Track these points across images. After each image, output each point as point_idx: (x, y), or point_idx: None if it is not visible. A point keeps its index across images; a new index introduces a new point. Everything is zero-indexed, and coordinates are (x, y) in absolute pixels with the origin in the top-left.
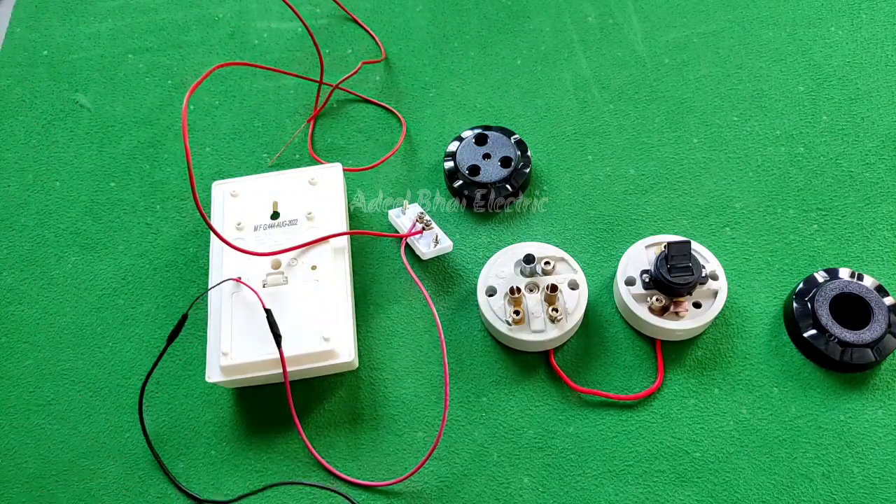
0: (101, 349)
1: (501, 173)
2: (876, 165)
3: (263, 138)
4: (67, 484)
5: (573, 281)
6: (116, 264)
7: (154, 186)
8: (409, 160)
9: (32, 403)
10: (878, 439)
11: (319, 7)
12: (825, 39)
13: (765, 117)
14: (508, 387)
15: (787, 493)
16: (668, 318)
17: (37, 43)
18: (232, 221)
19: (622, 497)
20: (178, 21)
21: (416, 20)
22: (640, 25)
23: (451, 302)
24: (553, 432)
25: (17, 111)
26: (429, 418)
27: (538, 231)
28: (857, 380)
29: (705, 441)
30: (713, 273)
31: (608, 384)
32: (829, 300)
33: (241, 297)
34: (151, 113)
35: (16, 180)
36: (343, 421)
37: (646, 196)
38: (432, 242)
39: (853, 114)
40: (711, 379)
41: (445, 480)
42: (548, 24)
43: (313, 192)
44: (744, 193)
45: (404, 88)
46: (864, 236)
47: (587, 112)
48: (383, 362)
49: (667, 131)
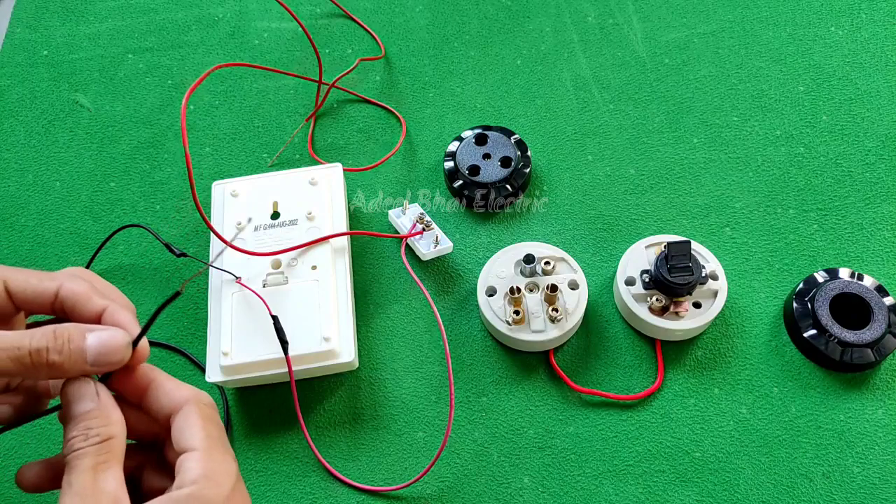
0: None
1: (501, 173)
2: (876, 165)
3: (263, 138)
4: None
5: (573, 281)
6: (116, 264)
7: (154, 186)
8: (409, 160)
9: None
10: (878, 439)
11: (319, 7)
12: (825, 39)
13: (765, 117)
14: (508, 387)
15: (787, 493)
16: (668, 318)
17: (37, 43)
18: (232, 221)
19: (622, 497)
20: (178, 21)
21: (416, 20)
22: (640, 25)
23: (451, 302)
24: (553, 432)
25: (17, 111)
26: (429, 418)
27: (538, 231)
28: (857, 380)
29: (705, 441)
30: (713, 273)
31: (608, 384)
32: (829, 300)
33: (242, 297)
34: (151, 113)
35: (16, 180)
36: (343, 421)
37: (646, 196)
38: (432, 243)
39: (853, 114)
40: (711, 379)
41: (446, 480)
42: (548, 24)
43: (313, 192)
44: (744, 193)
45: (404, 88)
46: (864, 236)
47: (587, 112)
48: (383, 362)
49: (667, 131)
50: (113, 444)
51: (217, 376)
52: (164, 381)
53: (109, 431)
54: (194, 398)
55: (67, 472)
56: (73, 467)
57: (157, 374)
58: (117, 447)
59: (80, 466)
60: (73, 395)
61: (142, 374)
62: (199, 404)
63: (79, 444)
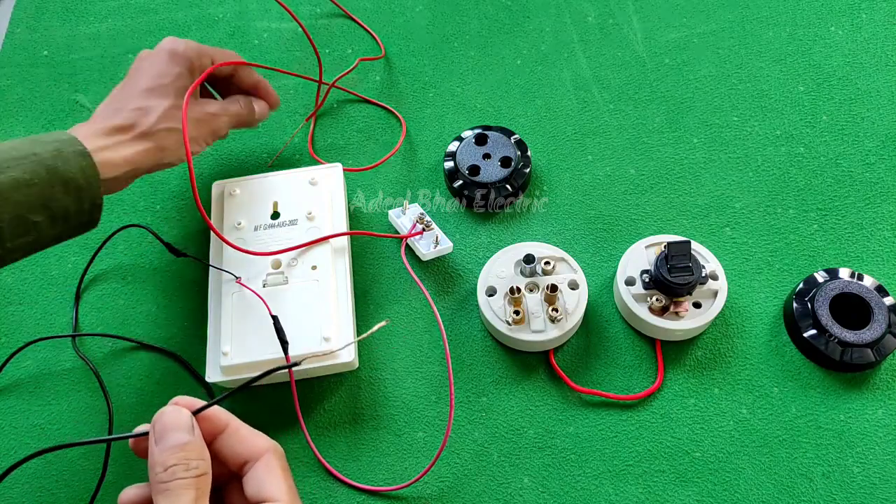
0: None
1: (501, 173)
2: (876, 165)
3: (263, 138)
4: (68, 484)
5: (573, 281)
6: (116, 264)
7: (154, 186)
8: (409, 160)
9: (33, 403)
10: (878, 439)
11: (319, 7)
12: (825, 39)
13: (765, 117)
14: (508, 387)
15: (787, 493)
16: (668, 318)
17: (37, 43)
18: (232, 221)
19: (622, 497)
20: (178, 21)
21: (416, 20)
22: (640, 25)
23: (451, 302)
24: (553, 432)
25: (17, 111)
26: (429, 418)
27: (538, 231)
28: (857, 380)
29: (705, 441)
30: (713, 273)
31: (608, 384)
32: (829, 300)
33: (242, 297)
34: None
35: None
36: (343, 421)
37: (646, 196)
38: (432, 243)
39: (853, 114)
40: (711, 379)
41: (446, 480)
42: (548, 24)
43: (313, 192)
44: (744, 193)
45: (404, 88)
46: (864, 236)
47: (587, 112)
48: (383, 362)
49: (667, 131)
50: (207, 480)
51: (217, 376)
52: (240, 428)
53: (205, 467)
54: (273, 449)
55: (167, 499)
56: (176, 496)
57: (231, 419)
58: (207, 484)
59: (182, 497)
60: (172, 424)
61: (217, 417)
62: (279, 456)
63: (181, 473)
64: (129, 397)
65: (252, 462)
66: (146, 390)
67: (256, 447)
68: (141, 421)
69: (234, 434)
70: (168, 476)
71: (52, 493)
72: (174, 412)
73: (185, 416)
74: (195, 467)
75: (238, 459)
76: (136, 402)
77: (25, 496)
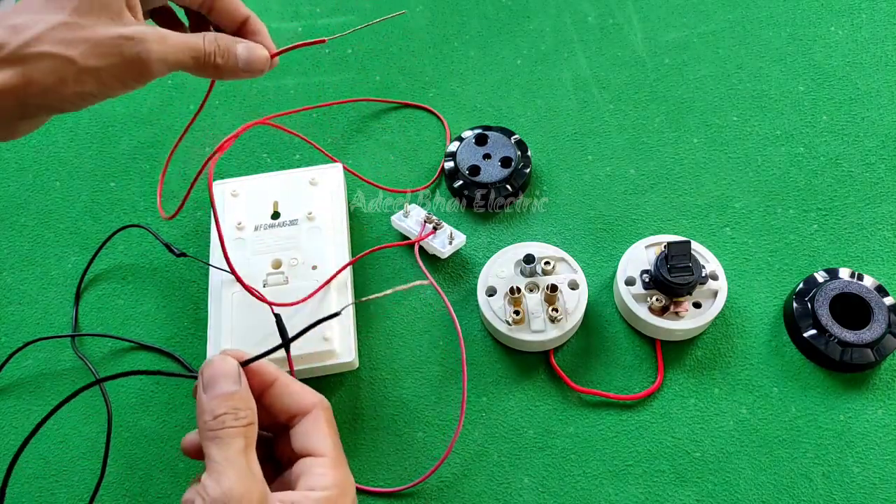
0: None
1: (501, 173)
2: (876, 165)
3: (263, 138)
4: (67, 484)
5: (573, 281)
6: (116, 264)
7: (154, 186)
8: (410, 160)
9: (33, 404)
10: (878, 439)
11: (319, 7)
12: (825, 39)
13: (765, 117)
14: (508, 387)
15: (787, 493)
16: (668, 318)
17: None
18: (232, 221)
19: (622, 497)
20: None
21: (416, 20)
22: (640, 25)
23: (451, 302)
24: (553, 432)
25: None
26: (429, 418)
27: (538, 231)
28: (857, 380)
29: (705, 441)
30: (713, 273)
31: (608, 384)
32: (829, 300)
33: (242, 297)
34: (151, 113)
35: (16, 180)
36: (343, 421)
37: (646, 196)
38: (447, 240)
39: (853, 114)
40: (711, 379)
41: (445, 480)
42: (548, 24)
43: (314, 192)
44: (744, 193)
45: (404, 88)
46: (864, 236)
47: (587, 112)
48: (383, 362)
49: (667, 131)
50: (253, 430)
51: None
52: (290, 382)
53: (252, 417)
54: (320, 403)
55: (218, 447)
56: (227, 444)
57: (280, 373)
58: (254, 433)
59: (233, 445)
60: (220, 372)
61: (266, 370)
62: (326, 411)
63: (230, 422)
64: (129, 397)
65: (300, 416)
66: (146, 390)
67: (305, 401)
68: (141, 421)
69: (284, 388)
70: (217, 424)
71: (53, 493)
72: (221, 361)
73: (231, 365)
74: (244, 417)
75: (287, 412)
76: (135, 402)
77: (25, 496)
